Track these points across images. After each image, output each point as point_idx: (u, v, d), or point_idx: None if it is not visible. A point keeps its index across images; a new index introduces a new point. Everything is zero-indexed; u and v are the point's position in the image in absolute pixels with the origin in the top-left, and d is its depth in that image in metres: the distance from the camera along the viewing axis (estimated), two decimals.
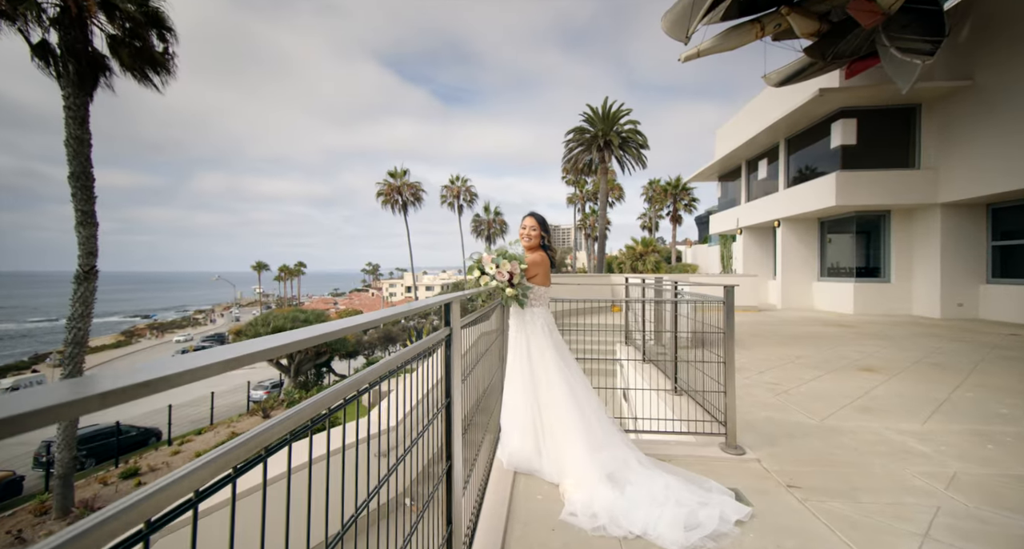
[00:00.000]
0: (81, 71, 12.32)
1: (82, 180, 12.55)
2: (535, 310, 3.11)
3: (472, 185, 39.11)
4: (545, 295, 3.20)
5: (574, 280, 13.69)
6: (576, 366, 3.14)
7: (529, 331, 3.08)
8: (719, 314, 3.43)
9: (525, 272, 3.03)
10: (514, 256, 3.04)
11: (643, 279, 6.45)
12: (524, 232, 3.23)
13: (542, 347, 3.04)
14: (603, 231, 30.31)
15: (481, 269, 2.99)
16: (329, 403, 0.89)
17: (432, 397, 1.73)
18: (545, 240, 3.25)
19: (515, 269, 2.94)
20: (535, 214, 3.28)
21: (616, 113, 27.46)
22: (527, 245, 3.27)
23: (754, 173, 17.12)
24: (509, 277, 2.92)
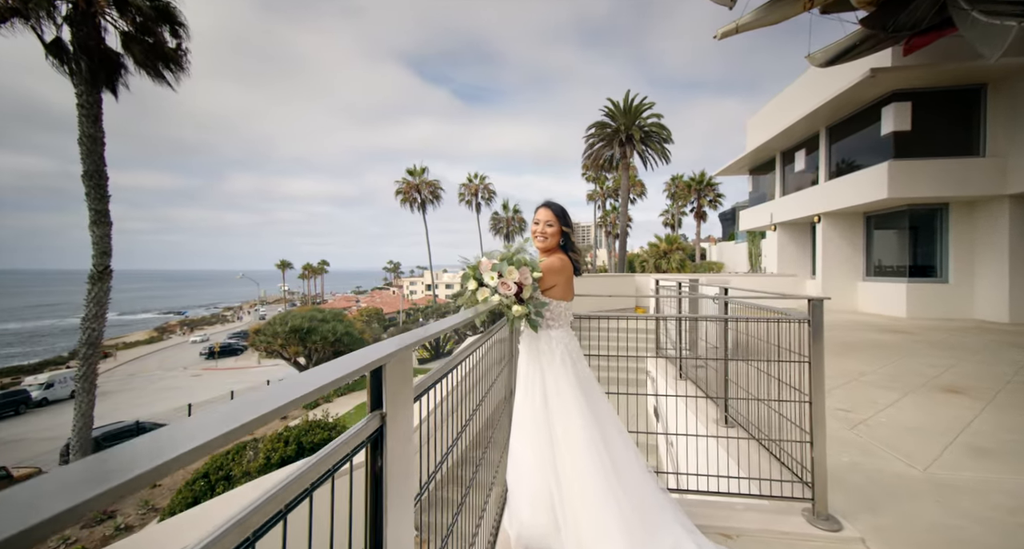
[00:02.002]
0: (94, 68, 12.13)
1: (95, 179, 12.39)
2: (552, 333, 2.37)
3: (490, 183, 38.58)
4: (566, 313, 2.46)
5: (595, 280, 12.90)
6: (609, 410, 2.38)
7: (545, 362, 2.34)
8: (788, 330, 2.70)
9: (539, 282, 2.32)
10: (523, 261, 2.29)
11: (679, 284, 5.64)
12: (537, 228, 2.47)
13: (562, 386, 2.29)
14: (624, 228, 29.36)
15: (478, 279, 2.23)
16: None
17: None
18: (567, 238, 2.50)
19: (525, 278, 2.23)
20: (551, 204, 2.48)
21: (639, 107, 26.45)
22: (542, 246, 2.47)
23: (790, 165, 16.01)
24: (517, 289, 2.20)
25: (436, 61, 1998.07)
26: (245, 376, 37.25)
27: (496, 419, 2.48)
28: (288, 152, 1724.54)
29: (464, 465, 2.00)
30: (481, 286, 2.23)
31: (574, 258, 2.51)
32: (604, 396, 2.46)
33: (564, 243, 2.51)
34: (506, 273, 2.20)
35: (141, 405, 29.82)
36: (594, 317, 3.25)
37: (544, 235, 2.46)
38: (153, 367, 46.97)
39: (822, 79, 13.11)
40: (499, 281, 2.19)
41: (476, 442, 2.25)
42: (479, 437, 2.26)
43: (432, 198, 36.57)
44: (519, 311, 2.23)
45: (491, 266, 2.24)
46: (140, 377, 42.24)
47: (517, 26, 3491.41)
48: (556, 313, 2.43)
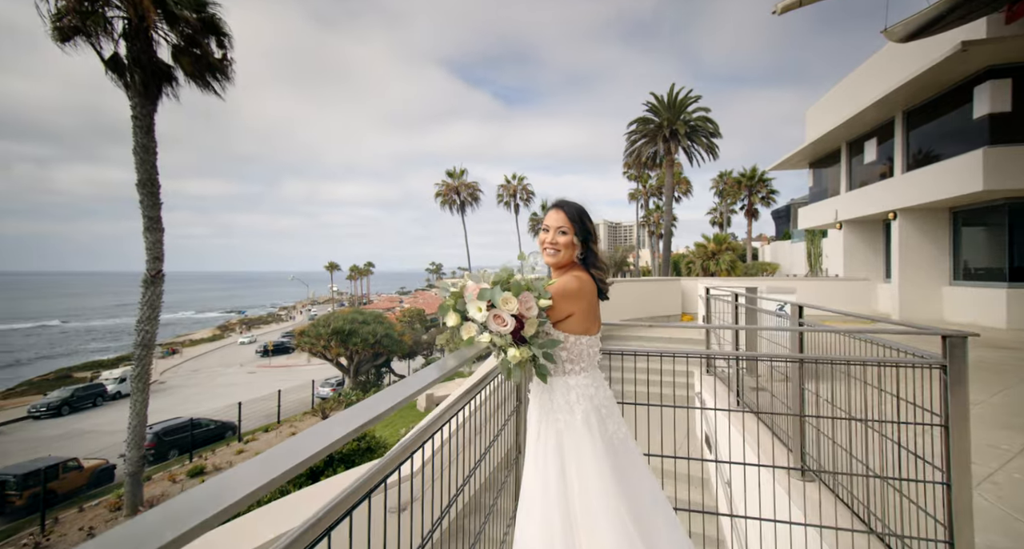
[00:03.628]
0: (146, 80, 12.67)
1: (148, 187, 12.92)
2: (571, 381, 1.79)
3: (529, 183, 38.11)
4: (589, 351, 1.83)
5: (634, 286, 12.07)
6: (649, 486, 1.79)
7: (561, 422, 1.75)
8: (908, 376, 2.01)
9: (548, 312, 1.73)
10: (524, 285, 1.67)
11: (736, 296, 4.81)
12: (547, 237, 1.87)
13: (585, 459, 1.70)
14: (669, 228, 28.03)
15: (460, 311, 1.65)
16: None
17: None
18: (588, 249, 1.88)
19: (527, 308, 1.63)
20: (564, 204, 1.89)
21: (684, 100, 25.15)
22: (553, 261, 1.87)
23: (858, 156, 14.48)
24: (516, 325, 1.61)
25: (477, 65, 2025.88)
26: (294, 374, 38.67)
27: (499, 482, 1.97)
28: (336, 158, 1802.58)
29: (457, 540, 1.52)
30: (465, 321, 1.63)
31: (598, 276, 1.87)
32: (642, 463, 1.86)
33: (584, 256, 1.88)
34: (499, 302, 1.59)
35: (201, 401, 31.52)
36: (629, 326, 2.66)
37: (555, 246, 1.85)
38: (214, 364, 49.90)
39: (898, 59, 11.68)
40: (490, 313, 1.59)
41: (472, 507, 1.76)
42: (475, 502, 1.76)
43: (471, 200, 36.55)
44: (517, 356, 1.60)
45: (478, 292, 1.61)
46: (202, 373, 44.95)
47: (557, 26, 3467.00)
48: (575, 353, 1.80)
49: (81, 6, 11.51)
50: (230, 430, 23.07)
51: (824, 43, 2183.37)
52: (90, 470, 18.08)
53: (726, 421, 3.78)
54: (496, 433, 1.92)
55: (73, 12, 11.36)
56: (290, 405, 25.88)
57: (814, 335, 3.04)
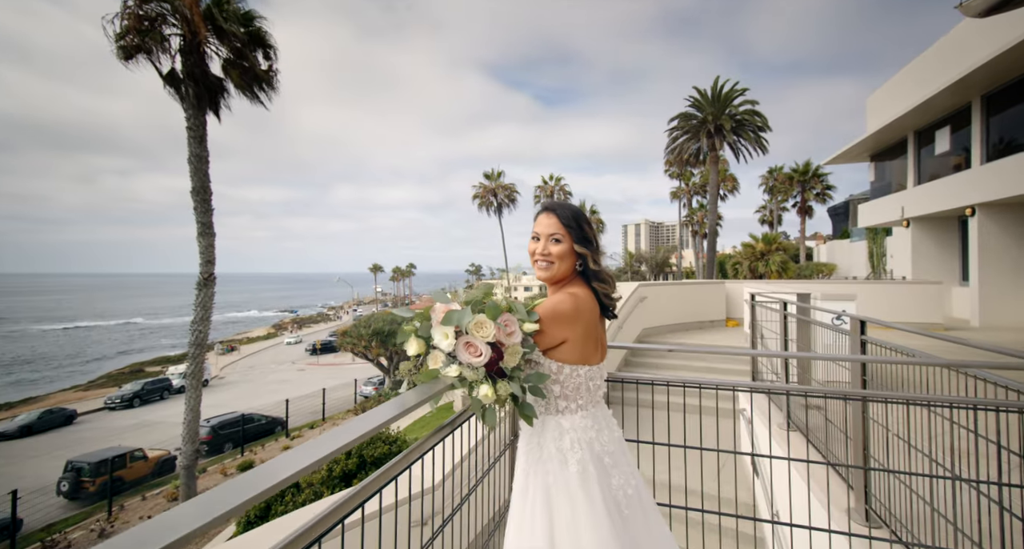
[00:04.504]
0: (199, 93, 13.38)
1: (201, 194, 13.63)
2: (565, 423, 1.48)
3: (566, 184, 37.64)
4: (589, 385, 1.51)
5: (672, 289, 11.47)
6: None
7: (552, 478, 1.44)
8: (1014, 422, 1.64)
9: (536, 337, 1.43)
10: (507, 306, 1.37)
11: (785, 305, 4.26)
12: (537, 247, 1.56)
13: (583, 531, 1.37)
14: (713, 227, 26.81)
15: (424, 338, 1.35)
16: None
17: None
18: (587, 259, 1.56)
19: (508, 333, 1.34)
20: (557, 207, 1.57)
21: (729, 94, 23.97)
22: (547, 275, 1.56)
23: (928, 147, 13.20)
24: (493, 355, 1.31)
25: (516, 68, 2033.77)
26: (340, 372, 40.06)
27: (480, 546, 1.73)
28: (383, 164, 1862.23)
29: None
30: (432, 350, 1.33)
31: (602, 291, 1.56)
32: (659, 527, 1.53)
33: (583, 268, 1.56)
34: (471, 328, 1.29)
35: (254, 396, 33.19)
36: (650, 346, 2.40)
37: (547, 258, 1.54)
38: (267, 361, 52.62)
39: (975, 37, 10.55)
40: (459, 341, 1.31)
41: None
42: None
43: (508, 201, 36.53)
44: (490, 395, 1.28)
45: (445, 315, 1.30)
46: (257, 369, 47.45)
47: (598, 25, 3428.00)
48: (570, 387, 1.48)
49: (141, 25, 12.29)
50: (279, 425, 24.11)
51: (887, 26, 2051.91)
52: (154, 460, 19.36)
53: (775, 446, 3.37)
54: (477, 480, 1.67)
55: (134, 31, 12.15)
56: (335, 403, 26.72)
57: (882, 350, 2.60)
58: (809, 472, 2.98)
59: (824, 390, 2.30)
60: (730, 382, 2.16)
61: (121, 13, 12.34)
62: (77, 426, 27.69)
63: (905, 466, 2.18)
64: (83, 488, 16.81)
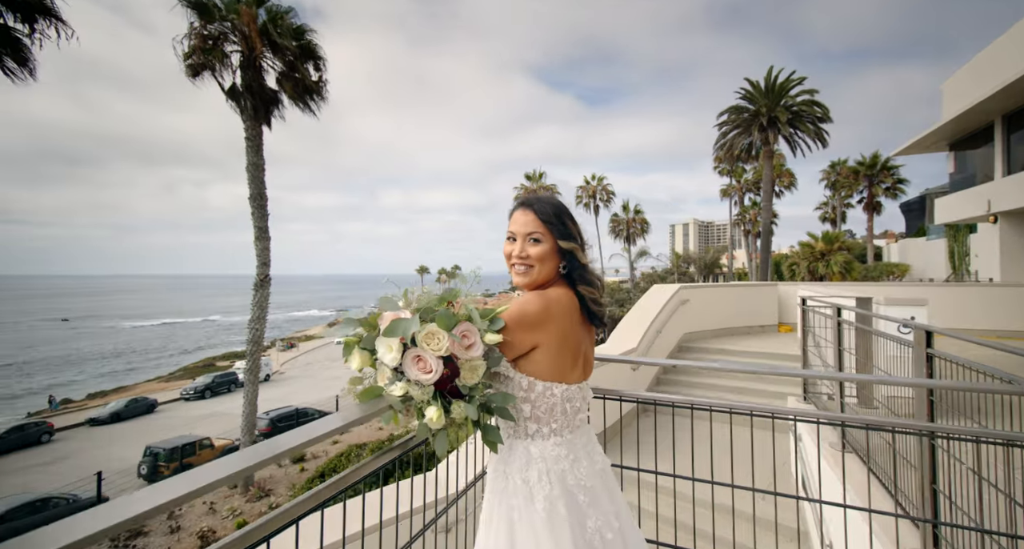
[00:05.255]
0: (256, 105, 14.25)
1: (257, 200, 14.49)
2: (534, 450, 1.30)
3: (609, 183, 36.89)
4: (564, 405, 1.31)
5: (720, 290, 10.87)
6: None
7: (516, 514, 1.27)
8: None
9: (502, 347, 1.25)
10: (465, 315, 1.19)
11: (839, 311, 3.84)
12: (513, 249, 1.37)
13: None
14: (768, 225, 25.34)
15: (368, 349, 1.18)
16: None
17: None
18: (572, 261, 1.38)
19: (468, 345, 1.18)
20: (534, 202, 1.37)
21: (784, 84, 22.59)
22: (525, 281, 1.36)
23: (1020, 132, 11.82)
24: (445, 372, 1.15)
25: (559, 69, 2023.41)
26: None
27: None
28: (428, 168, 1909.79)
29: None
30: (377, 364, 1.17)
31: (587, 295, 1.35)
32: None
33: (568, 269, 1.37)
34: (421, 339, 1.12)
35: (311, 391, 35.01)
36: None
37: (525, 261, 1.34)
38: (322, 358, 55.31)
39: None
40: (408, 355, 1.13)
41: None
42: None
43: None
44: (436, 419, 1.12)
45: (389, 324, 1.12)
46: (314, 366, 49.98)
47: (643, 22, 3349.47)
48: (543, 407, 1.28)
49: (205, 44, 13.25)
50: None
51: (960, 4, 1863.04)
52: (220, 448, 20.84)
53: (825, 469, 3.02)
54: (446, 505, 1.56)
55: (199, 50, 13.11)
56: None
57: (953, 369, 2.24)
58: (870, 498, 2.69)
59: (881, 421, 1.98)
60: (768, 408, 1.92)
61: (188, 34, 13.36)
62: (157, 414, 30.26)
63: (987, 513, 1.87)
64: (159, 471, 18.39)
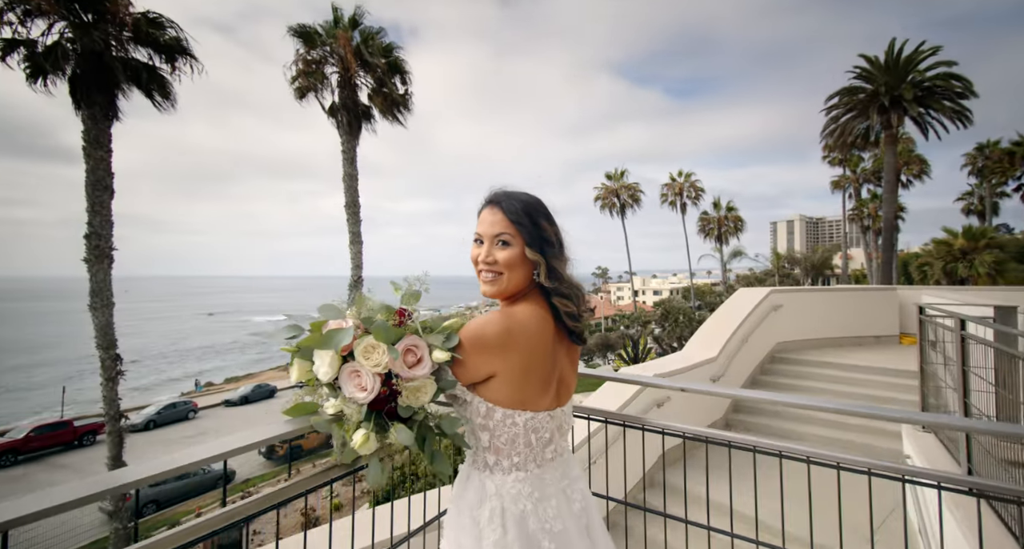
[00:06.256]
0: (351, 120, 15.54)
1: (352, 208, 15.78)
2: (491, 485, 1.15)
3: (697, 179, 34.60)
4: (529, 438, 1.14)
5: (824, 295, 9.55)
6: None
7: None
8: None
9: (455, 368, 1.13)
10: (412, 328, 1.10)
11: (963, 323, 2.79)
12: (480, 251, 1.20)
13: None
14: (890, 220, 22.03)
15: (311, 361, 1.10)
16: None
17: None
18: (547, 266, 1.18)
19: (415, 361, 1.07)
20: (503, 199, 1.20)
21: (912, 57, 19.47)
22: (493, 290, 1.19)
23: None
24: (382, 391, 1.05)
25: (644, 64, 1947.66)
26: None
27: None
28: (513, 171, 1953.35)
29: None
30: (319, 384, 1.10)
31: (563, 309, 1.17)
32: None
33: (549, 275, 1.18)
34: (359, 353, 1.04)
35: None
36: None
37: (492, 267, 1.17)
38: None
39: None
40: (346, 369, 1.05)
41: None
42: None
43: (631, 201, 35.00)
44: (361, 443, 1.02)
45: (324, 335, 1.06)
46: None
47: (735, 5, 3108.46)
48: (502, 438, 1.13)
49: (309, 68, 14.73)
50: None
51: None
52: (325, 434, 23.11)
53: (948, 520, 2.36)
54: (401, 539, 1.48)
55: (303, 74, 14.62)
56: None
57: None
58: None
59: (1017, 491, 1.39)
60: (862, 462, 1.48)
61: (295, 60, 14.97)
62: (277, 399, 34.40)
63: None
64: (275, 452, 20.77)
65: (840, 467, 1.53)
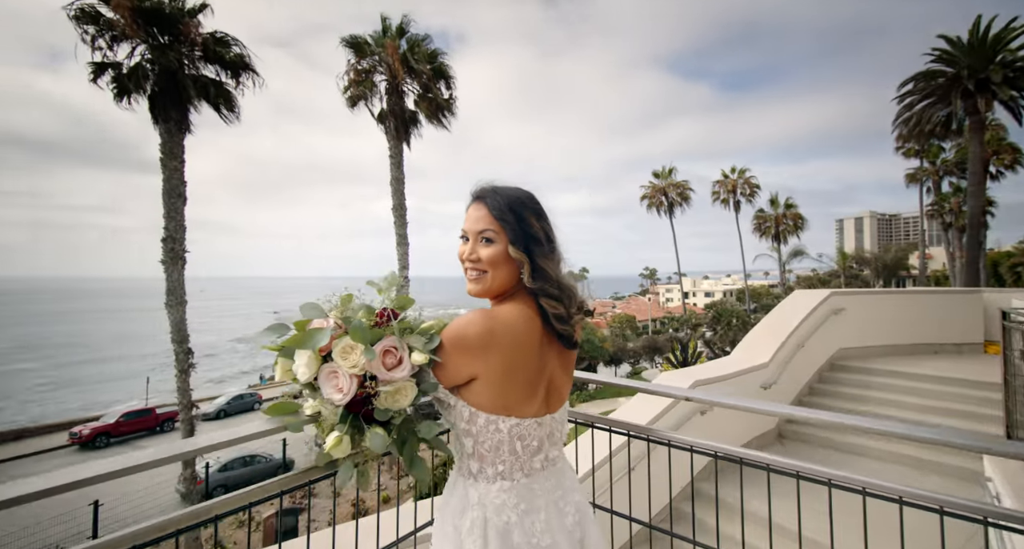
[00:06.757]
0: (398, 125, 16.07)
1: (399, 210, 16.30)
2: (474, 493, 1.10)
3: (752, 176, 32.71)
4: (515, 445, 1.09)
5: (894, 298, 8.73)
6: None
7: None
8: None
9: (437, 372, 1.09)
10: (393, 328, 1.07)
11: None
12: (465, 248, 1.16)
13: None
14: (977, 216, 19.88)
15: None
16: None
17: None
18: (535, 267, 1.12)
19: (394, 363, 1.05)
20: (488, 194, 1.16)
21: (1001, 35, 17.47)
22: (477, 289, 1.15)
23: None
24: (358, 393, 1.03)
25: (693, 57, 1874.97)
26: None
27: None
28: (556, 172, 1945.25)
29: None
30: (305, 389, 1.10)
31: (552, 310, 1.11)
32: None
33: (534, 275, 1.12)
34: (337, 353, 1.03)
35: None
36: None
37: (476, 264, 1.14)
38: None
39: None
40: (325, 370, 1.04)
41: None
42: None
43: (680, 200, 33.71)
44: (334, 445, 1.02)
45: (303, 335, 1.05)
46: None
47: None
48: (486, 445, 1.08)
49: (359, 77, 15.38)
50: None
51: None
52: None
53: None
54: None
55: (354, 84, 15.27)
56: None
57: None
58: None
59: None
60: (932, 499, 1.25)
61: (347, 70, 15.67)
62: None
63: None
64: None
65: (903, 502, 1.28)
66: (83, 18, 10.41)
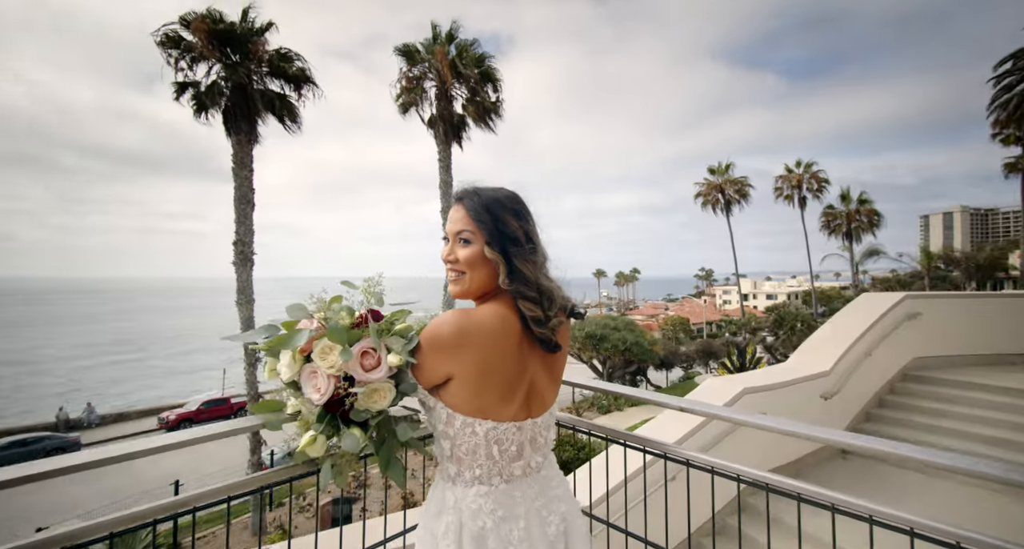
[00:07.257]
0: (447, 130, 16.46)
1: (447, 213, 16.77)
2: (451, 497, 1.10)
3: (820, 170, 30.25)
4: (492, 449, 1.07)
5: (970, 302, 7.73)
6: None
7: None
8: None
9: (415, 373, 1.09)
10: (377, 328, 1.07)
11: None
12: (447, 250, 1.16)
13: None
14: None
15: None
16: None
17: None
18: (513, 268, 1.09)
19: (372, 365, 1.05)
20: (468, 195, 1.15)
21: None
22: (457, 290, 1.15)
23: None
24: (336, 393, 1.04)
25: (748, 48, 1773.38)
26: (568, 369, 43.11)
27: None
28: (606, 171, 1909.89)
29: None
30: (291, 389, 1.12)
31: (529, 313, 1.09)
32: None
33: (511, 276, 1.10)
34: (316, 354, 1.05)
35: None
36: None
37: (455, 265, 1.13)
38: None
39: None
40: (306, 370, 1.06)
41: None
42: None
43: (738, 197, 31.90)
44: (308, 444, 1.04)
45: (284, 335, 1.08)
46: None
47: None
48: (463, 448, 1.08)
49: (411, 84, 15.91)
50: None
51: None
52: None
53: None
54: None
55: (406, 91, 15.82)
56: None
57: None
58: None
59: None
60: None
61: (399, 78, 16.27)
62: None
63: None
64: None
65: (962, 547, 1.05)
66: (167, 42, 11.54)
